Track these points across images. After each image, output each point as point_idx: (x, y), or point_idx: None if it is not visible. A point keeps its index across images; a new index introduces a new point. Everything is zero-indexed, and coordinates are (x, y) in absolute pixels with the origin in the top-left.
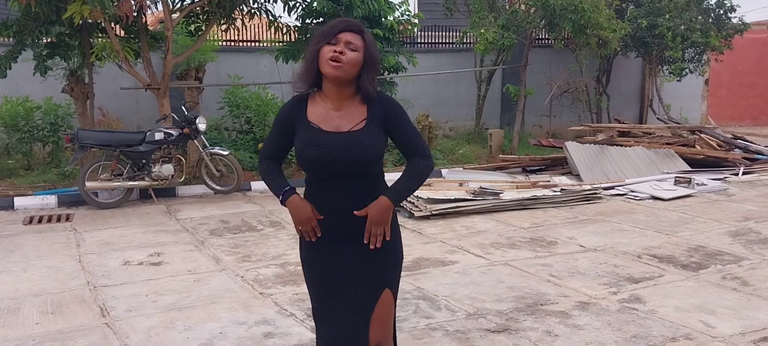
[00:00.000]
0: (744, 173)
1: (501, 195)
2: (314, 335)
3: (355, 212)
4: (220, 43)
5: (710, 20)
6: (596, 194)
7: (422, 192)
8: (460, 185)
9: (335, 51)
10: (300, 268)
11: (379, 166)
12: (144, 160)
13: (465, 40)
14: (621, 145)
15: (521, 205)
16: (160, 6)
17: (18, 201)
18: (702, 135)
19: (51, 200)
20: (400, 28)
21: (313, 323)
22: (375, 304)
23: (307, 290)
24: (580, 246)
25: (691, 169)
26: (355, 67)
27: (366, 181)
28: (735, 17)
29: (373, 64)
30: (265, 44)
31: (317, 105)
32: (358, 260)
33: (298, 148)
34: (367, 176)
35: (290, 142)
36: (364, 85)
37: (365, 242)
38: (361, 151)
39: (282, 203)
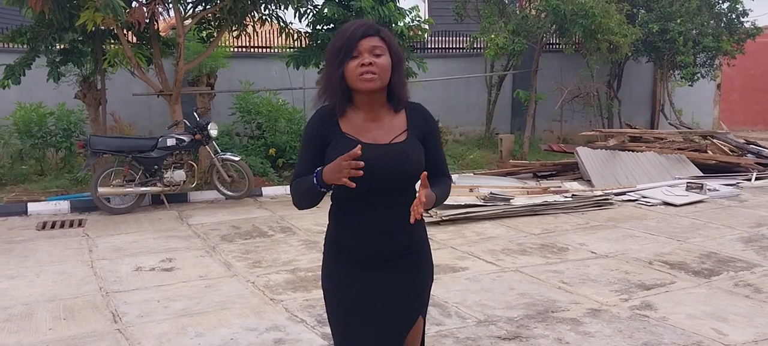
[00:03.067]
0: (757, 179)
1: (511, 201)
2: (324, 342)
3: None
4: (232, 50)
5: (722, 25)
6: (607, 199)
7: None
8: (471, 190)
9: (363, 64)
10: (310, 274)
11: (415, 184)
12: (156, 166)
13: (475, 46)
14: (632, 151)
15: (532, 210)
16: (171, 13)
17: (31, 206)
18: (714, 140)
19: (64, 205)
20: (411, 33)
21: (323, 330)
22: (408, 333)
23: (317, 297)
24: (592, 252)
25: (703, 174)
26: (388, 71)
27: (403, 199)
28: (747, 22)
29: (400, 62)
30: (276, 50)
31: (349, 118)
32: (394, 291)
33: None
34: (405, 193)
35: (321, 158)
36: (397, 89)
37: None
38: (407, 164)
39: (320, 184)
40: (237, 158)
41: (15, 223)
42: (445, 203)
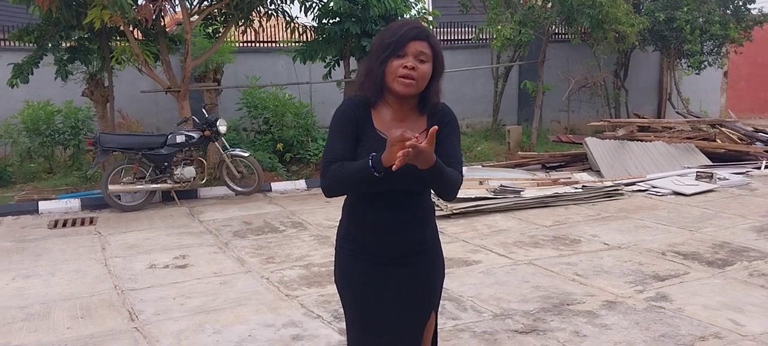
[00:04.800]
0: (766, 167)
1: (522, 193)
2: (342, 338)
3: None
4: (237, 45)
5: (729, 12)
6: (618, 190)
7: None
8: (481, 183)
9: (406, 66)
10: (323, 269)
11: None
12: (166, 163)
13: (481, 37)
14: (641, 141)
15: (542, 202)
16: (178, 9)
17: (42, 205)
18: (722, 129)
19: (74, 203)
20: None
21: (340, 325)
22: (424, 328)
23: (332, 292)
24: (604, 244)
25: (712, 163)
26: (426, 80)
27: (419, 200)
28: (754, 8)
29: (441, 72)
30: (282, 45)
31: (380, 112)
32: (407, 287)
33: (362, 156)
34: (421, 195)
35: (356, 144)
36: (431, 97)
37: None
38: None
39: (375, 169)
40: (246, 154)
41: (27, 221)
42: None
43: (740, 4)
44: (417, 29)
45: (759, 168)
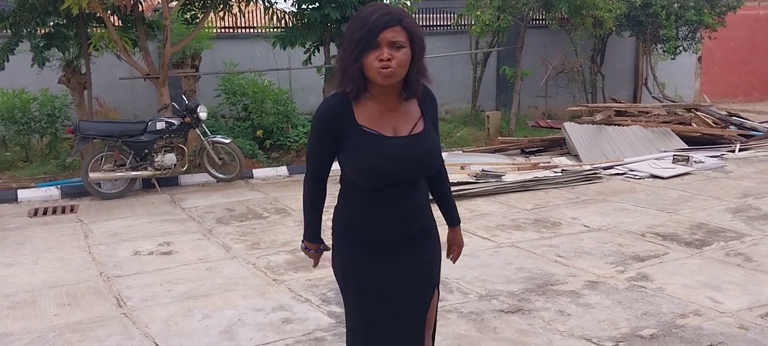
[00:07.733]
0: (740, 150)
1: (503, 177)
2: (332, 320)
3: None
4: (215, 31)
5: None
6: (596, 174)
7: None
8: (462, 168)
9: (381, 59)
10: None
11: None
12: (146, 150)
13: (461, 23)
14: (618, 125)
15: (523, 187)
16: None
17: (21, 193)
18: (697, 113)
19: (54, 191)
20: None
21: (329, 309)
22: (428, 307)
23: (320, 276)
24: (585, 226)
25: (688, 147)
26: (407, 65)
27: (418, 187)
28: None
29: (421, 53)
30: (261, 30)
31: (365, 106)
32: (411, 268)
33: (357, 157)
34: (420, 181)
35: (335, 152)
36: (414, 82)
37: (453, 262)
38: (429, 156)
39: (304, 248)
40: (227, 141)
41: (6, 210)
42: None
43: None
44: (387, 15)
45: (733, 151)
